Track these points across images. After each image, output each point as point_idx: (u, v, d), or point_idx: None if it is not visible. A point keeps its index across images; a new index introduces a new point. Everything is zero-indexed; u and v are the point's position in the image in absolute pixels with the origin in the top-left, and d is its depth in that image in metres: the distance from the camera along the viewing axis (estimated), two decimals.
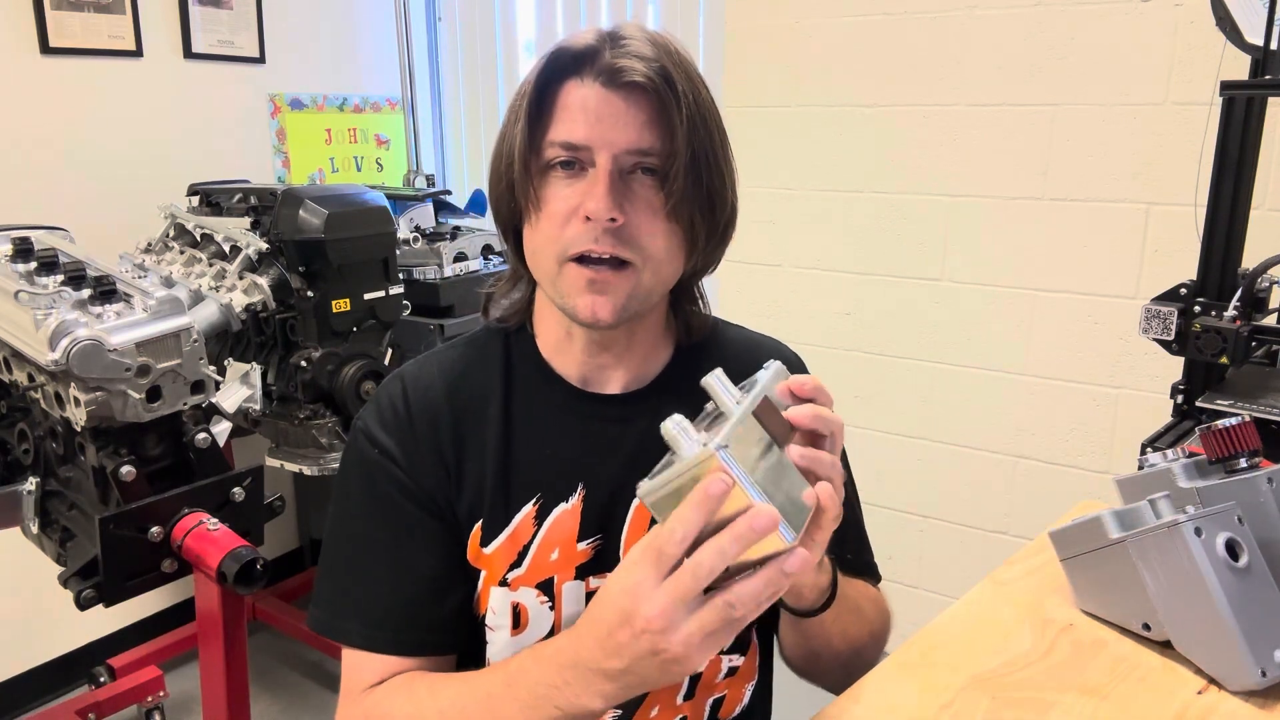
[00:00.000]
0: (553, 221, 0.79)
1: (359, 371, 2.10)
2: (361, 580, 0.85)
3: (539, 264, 0.82)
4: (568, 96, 0.78)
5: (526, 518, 0.85)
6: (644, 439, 0.88)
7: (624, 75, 0.76)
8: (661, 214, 0.79)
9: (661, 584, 0.59)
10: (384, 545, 0.85)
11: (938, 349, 2.46)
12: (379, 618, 0.84)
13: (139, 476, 1.55)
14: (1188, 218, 1.55)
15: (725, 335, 0.98)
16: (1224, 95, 1.33)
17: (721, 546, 0.56)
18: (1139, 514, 0.90)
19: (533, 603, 0.86)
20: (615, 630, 0.61)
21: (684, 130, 0.77)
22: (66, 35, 2.34)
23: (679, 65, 0.79)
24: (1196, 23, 2.00)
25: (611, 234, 0.77)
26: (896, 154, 2.42)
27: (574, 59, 0.78)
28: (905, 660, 0.92)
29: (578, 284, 0.79)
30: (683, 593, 0.58)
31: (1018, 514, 2.43)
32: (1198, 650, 0.85)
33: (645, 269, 0.80)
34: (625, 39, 0.78)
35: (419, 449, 0.85)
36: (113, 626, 2.61)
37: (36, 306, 1.47)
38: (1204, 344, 1.31)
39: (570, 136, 0.77)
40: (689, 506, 0.57)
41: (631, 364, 0.90)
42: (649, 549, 0.59)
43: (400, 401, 0.87)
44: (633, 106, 0.77)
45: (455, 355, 0.91)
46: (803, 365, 1.00)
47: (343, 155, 3.12)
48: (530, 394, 0.88)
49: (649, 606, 0.59)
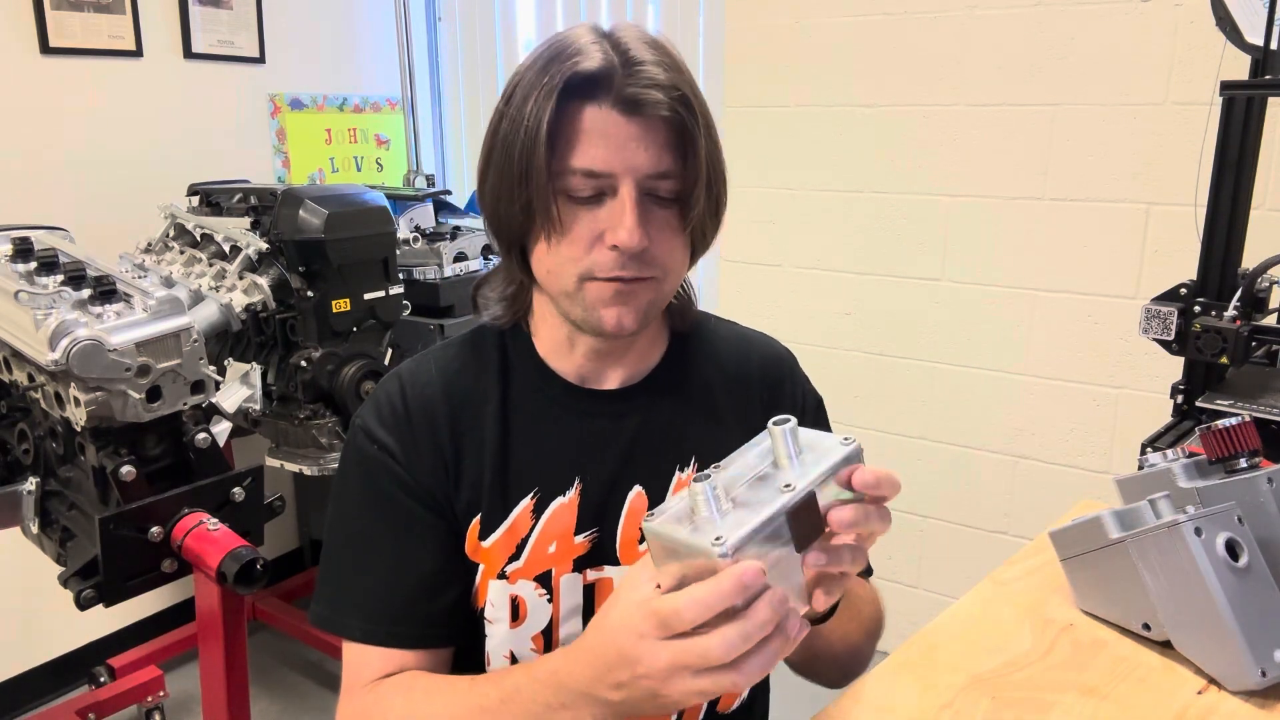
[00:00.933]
0: (576, 246, 0.79)
1: (359, 371, 2.10)
2: (361, 576, 0.86)
3: (555, 282, 0.82)
4: (585, 122, 0.77)
5: (524, 511, 0.86)
6: (639, 433, 0.89)
7: (647, 109, 0.76)
8: (680, 232, 0.81)
9: (667, 643, 0.59)
10: (383, 541, 0.86)
11: (938, 349, 2.46)
12: (378, 612, 0.85)
13: (139, 476, 1.55)
14: (1188, 218, 1.55)
15: (717, 330, 0.99)
16: (1224, 95, 1.33)
17: (732, 643, 0.57)
18: (1139, 514, 0.90)
19: (531, 595, 0.86)
20: (615, 668, 0.62)
21: (703, 153, 0.78)
22: (66, 35, 2.34)
23: (691, 85, 0.79)
24: (1196, 23, 2.00)
25: (637, 259, 0.78)
26: (896, 154, 2.42)
27: (588, 80, 0.76)
28: (905, 660, 0.92)
29: (602, 298, 0.80)
30: (688, 662, 0.58)
31: (1018, 514, 2.43)
32: (1198, 650, 0.85)
33: (666, 280, 0.83)
34: (639, 64, 0.77)
35: (417, 445, 0.86)
36: (113, 626, 2.61)
37: (36, 306, 1.47)
38: (1204, 344, 1.31)
39: (593, 164, 0.77)
40: (710, 594, 0.56)
41: (629, 362, 0.91)
42: (654, 614, 0.59)
43: (398, 399, 0.87)
44: (651, 130, 0.77)
45: (452, 353, 0.92)
46: (793, 362, 1.00)
47: (343, 155, 3.12)
48: (527, 390, 0.89)
49: (651, 660, 0.59)
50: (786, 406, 0.96)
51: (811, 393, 1.00)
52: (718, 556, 0.55)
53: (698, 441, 0.91)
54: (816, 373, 1.04)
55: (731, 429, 0.92)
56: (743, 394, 0.95)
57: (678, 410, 0.91)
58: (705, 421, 0.92)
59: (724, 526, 0.57)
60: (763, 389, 0.96)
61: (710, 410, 0.93)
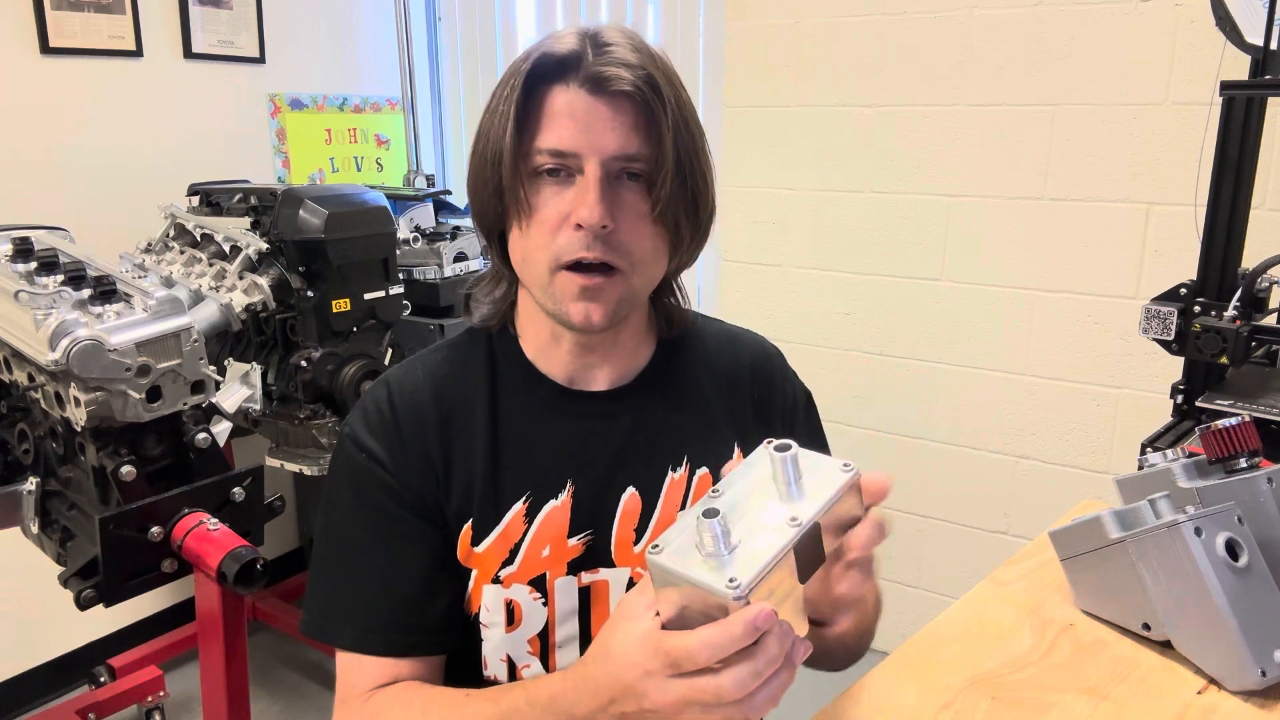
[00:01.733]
0: (543, 229, 0.80)
1: (359, 371, 2.10)
2: (352, 584, 0.86)
3: (529, 271, 0.83)
4: (554, 102, 0.78)
5: (517, 516, 0.86)
6: (630, 434, 0.89)
7: (611, 84, 0.77)
8: (649, 218, 0.81)
9: (677, 680, 0.58)
10: (373, 549, 0.85)
11: (938, 349, 2.46)
12: (370, 620, 0.84)
13: (139, 476, 1.55)
14: (1188, 218, 1.55)
15: (705, 330, 0.99)
16: (1224, 95, 1.33)
17: (744, 682, 0.57)
18: (1139, 514, 0.90)
19: (526, 599, 0.86)
20: (619, 700, 0.62)
21: (670, 136, 0.78)
22: (66, 35, 2.34)
23: (662, 69, 0.80)
24: (1196, 23, 2.00)
25: (602, 240, 0.78)
26: (896, 154, 2.42)
27: (558, 64, 0.78)
28: (905, 660, 0.92)
29: (570, 291, 0.80)
30: (700, 700, 0.58)
31: (1018, 514, 2.43)
32: (1198, 650, 0.86)
33: (634, 273, 0.82)
34: (608, 44, 0.78)
35: (406, 452, 0.85)
36: (113, 626, 2.61)
37: (36, 306, 1.47)
38: (1204, 344, 1.31)
39: (559, 144, 0.78)
40: (723, 637, 0.56)
41: (617, 362, 0.91)
42: (665, 654, 0.58)
43: (386, 405, 0.87)
44: (619, 112, 0.78)
45: (439, 358, 0.91)
46: (782, 359, 1.00)
47: (343, 155, 3.12)
48: (516, 394, 0.89)
49: (659, 696, 0.59)
50: (779, 403, 0.96)
51: (801, 388, 1.00)
52: (733, 600, 0.55)
53: (690, 442, 0.91)
54: (816, 373, 1.04)
55: (723, 428, 0.92)
56: (734, 393, 0.95)
57: (669, 410, 0.91)
58: (697, 421, 0.92)
59: (735, 566, 0.56)
60: (754, 387, 0.96)
61: (702, 410, 0.93)
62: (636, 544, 0.88)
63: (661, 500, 0.89)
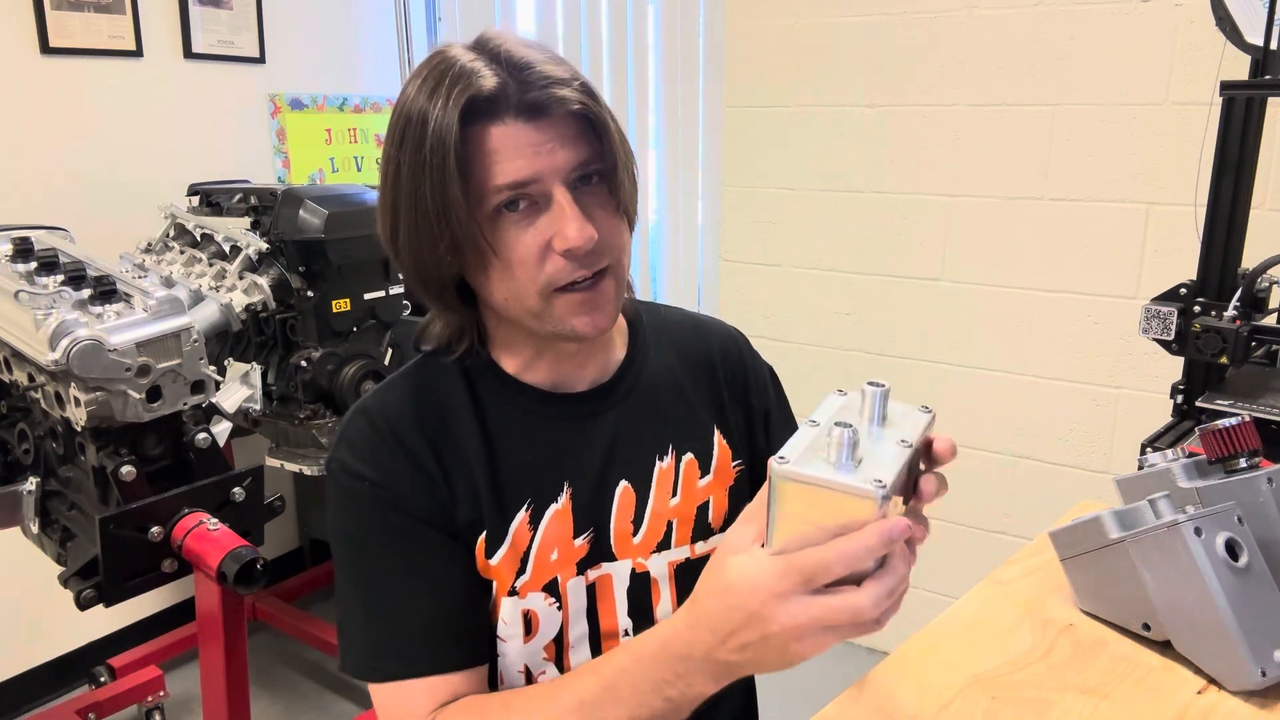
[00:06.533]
0: (526, 264, 0.78)
1: (359, 371, 2.10)
2: (387, 612, 0.83)
3: (517, 306, 0.81)
4: (492, 141, 0.76)
5: (522, 524, 0.86)
6: (617, 429, 0.90)
7: (553, 109, 0.75)
8: (615, 211, 0.81)
9: (812, 600, 0.57)
10: (398, 569, 0.83)
11: (938, 349, 2.46)
12: (414, 643, 0.82)
13: (139, 476, 1.55)
14: (1188, 218, 1.55)
15: (671, 319, 1.00)
16: (1224, 95, 1.33)
17: (880, 600, 0.56)
18: (1139, 514, 0.90)
19: (541, 606, 0.86)
20: (740, 630, 0.60)
21: (614, 130, 0.79)
22: (66, 35, 2.34)
23: (569, 63, 0.79)
24: (1196, 23, 2.00)
25: (590, 254, 0.78)
26: (896, 154, 2.42)
27: (486, 102, 0.75)
28: (905, 660, 0.92)
29: (571, 309, 0.80)
30: (837, 621, 0.57)
31: (1018, 514, 2.43)
32: (1198, 650, 0.86)
33: (619, 265, 0.83)
34: (528, 67, 0.75)
35: (403, 469, 0.84)
36: (113, 626, 2.61)
37: (36, 306, 1.47)
38: (1204, 344, 1.31)
39: (516, 175, 0.75)
40: (858, 548, 0.55)
41: (596, 362, 0.91)
42: (798, 571, 0.57)
43: (370, 431, 0.85)
44: (559, 126, 0.77)
45: (413, 383, 0.89)
46: (746, 343, 1.02)
47: (343, 155, 3.12)
48: (500, 404, 0.88)
49: (788, 619, 0.58)
50: (751, 382, 0.99)
51: (767, 365, 1.03)
52: (880, 498, 0.54)
53: (672, 429, 0.92)
54: (817, 372, 1.04)
55: (700, 413, 0.94)
56: (706, 377, 0.96)
57: (650, 401, 0.92)
58: (676, 408, 0.93)
59: (867, 472, 0.55)
60: (725, 370, 0.98)
61: (680, 397, 0.94)
62: (635, 535, 0.89)
63: (653, 490, 0.90)
